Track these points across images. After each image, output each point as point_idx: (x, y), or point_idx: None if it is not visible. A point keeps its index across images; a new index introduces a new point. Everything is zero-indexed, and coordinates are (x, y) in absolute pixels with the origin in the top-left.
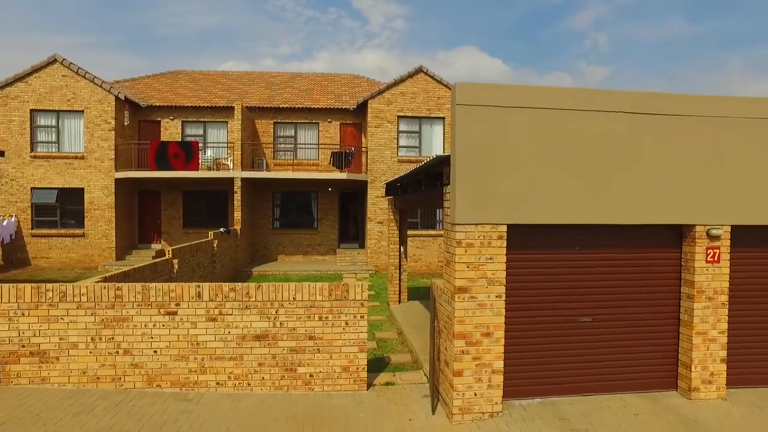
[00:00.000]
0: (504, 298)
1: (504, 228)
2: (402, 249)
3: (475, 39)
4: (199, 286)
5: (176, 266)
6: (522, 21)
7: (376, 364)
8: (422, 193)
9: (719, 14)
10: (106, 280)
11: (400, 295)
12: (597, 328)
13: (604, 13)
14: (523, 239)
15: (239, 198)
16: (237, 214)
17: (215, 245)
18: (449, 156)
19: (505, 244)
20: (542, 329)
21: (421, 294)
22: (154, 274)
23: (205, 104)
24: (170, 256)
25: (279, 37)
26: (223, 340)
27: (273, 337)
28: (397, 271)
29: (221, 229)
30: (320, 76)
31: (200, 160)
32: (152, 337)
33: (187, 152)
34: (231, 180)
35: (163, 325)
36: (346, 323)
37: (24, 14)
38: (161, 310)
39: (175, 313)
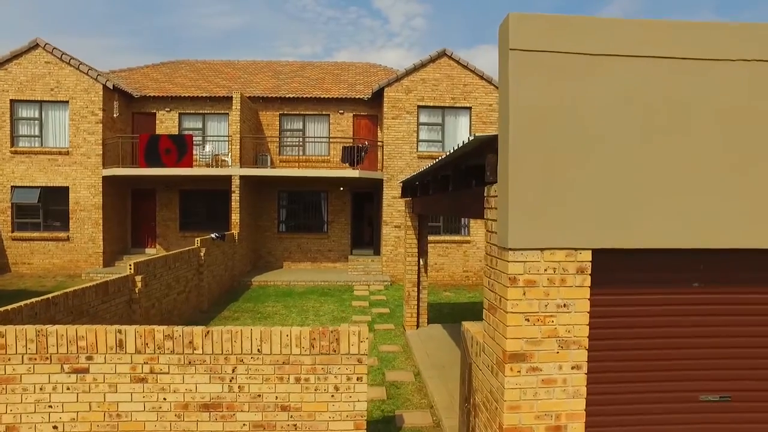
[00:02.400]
0: (585, 369)
1: (587, 255)
2: (421, 261)
3: (495, 37)
4: (120, 331)
5: (139, 285)
6: None
7: (384, 428)
8: (449, 195)
9: (750, 5)
10: (4, 316)
11: (418, 317)
12: (730, 412)
13: (629, 7)
14: (616, 273)
15: (237, 198)
16: (235, 217)
17: (202, 254)
18: (496, 137)
19: (588, 282)
20: (642, 413)
21: (444, 314)
22: (104, 296)
23: (204, 94)
24: (132, 271)
25: (300, 37)
26: (157, 409)
27: (228, 406)
28: (415, 289)
29: (212, 235)
30: (333, 64)
31: (198, 156)
32: (51, 406)
33: (180, 147)
34: (229, 178)
35: (68, 388)
36: (336, 388)
37: (47, 18)
38: (65, 367)
39: (86, 371)
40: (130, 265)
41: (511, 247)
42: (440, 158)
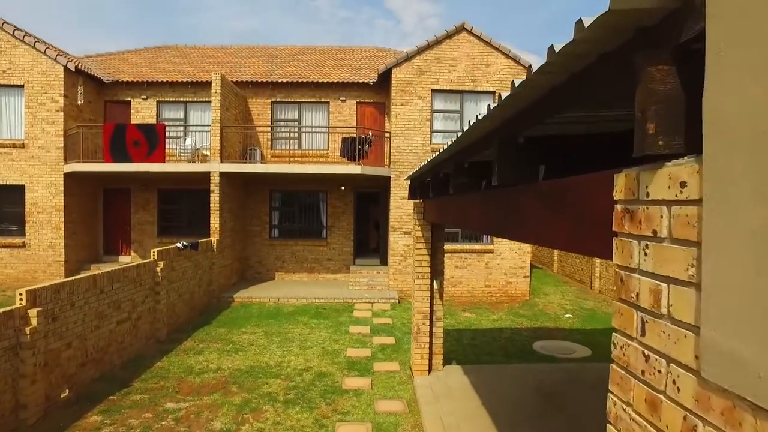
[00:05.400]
0: None
1: None
2: (435, 284)
3: (507, 37)
4: None
5: (35, 322)
6: (556, 18)
7: None
8: (488, 196)
9: None
10: None
11: (431, 359)
12: None
13: None
14: None
15: (218, 199)
16: (214, 221)
17: (159, 268)
18: (678, 13)
19: None
20: None
21: (464, 346)
22: None
23: (185, 79)
24: (24, 303)
25: (315, 37)
26: None
27: None
28: (426, 322)
29: (180, 244)
30: (336, 48)
31: (178, 150)
32: None
33: (151, 139)
34: (208, 175)
35: None
36: None
37: (62, 20)
38: None
39: None
40: (20, 294)
41: None
42: (470, 124)
